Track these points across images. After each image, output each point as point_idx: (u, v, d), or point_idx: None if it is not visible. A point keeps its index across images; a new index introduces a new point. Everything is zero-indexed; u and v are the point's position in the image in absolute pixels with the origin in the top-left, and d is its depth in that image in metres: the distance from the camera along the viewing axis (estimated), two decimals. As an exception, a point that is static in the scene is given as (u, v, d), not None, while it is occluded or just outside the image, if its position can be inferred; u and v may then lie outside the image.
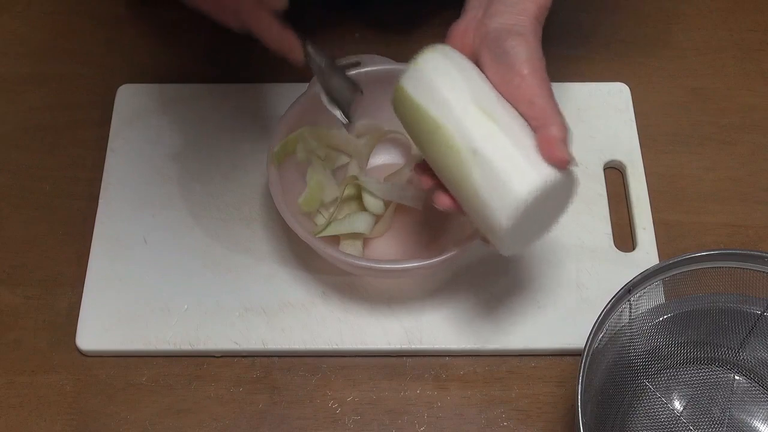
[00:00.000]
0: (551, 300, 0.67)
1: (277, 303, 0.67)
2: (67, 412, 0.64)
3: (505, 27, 0.53)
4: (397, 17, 0.82)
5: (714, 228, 0.71)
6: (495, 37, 0.53)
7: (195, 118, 0.75)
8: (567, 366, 0.65)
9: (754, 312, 0.61)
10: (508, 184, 0.51)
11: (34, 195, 0.73)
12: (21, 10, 0.84)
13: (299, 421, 0.63)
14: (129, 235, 0.70)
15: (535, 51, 0.53)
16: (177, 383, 0.65)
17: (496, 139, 0.52)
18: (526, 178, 0.51)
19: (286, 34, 0.60)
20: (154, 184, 0.72)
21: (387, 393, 0.64)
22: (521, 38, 0.53)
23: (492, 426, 0.63)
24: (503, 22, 0.53)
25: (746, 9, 0.83)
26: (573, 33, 0.81)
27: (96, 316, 0.67)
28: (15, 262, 0.70)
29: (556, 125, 0.52)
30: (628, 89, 0.77)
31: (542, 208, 0.53)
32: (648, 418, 0.62)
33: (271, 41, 0.60)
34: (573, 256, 0.68)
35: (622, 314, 0.59)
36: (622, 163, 0.73)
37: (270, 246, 0.69)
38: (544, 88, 0.52)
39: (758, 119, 0.77)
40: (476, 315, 0.66)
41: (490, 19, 0.54)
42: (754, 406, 0.62)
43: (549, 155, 0.51)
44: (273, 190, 0.63)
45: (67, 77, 0.79)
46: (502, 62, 0.53)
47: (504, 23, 0.53)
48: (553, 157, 0.51)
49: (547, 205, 0.54)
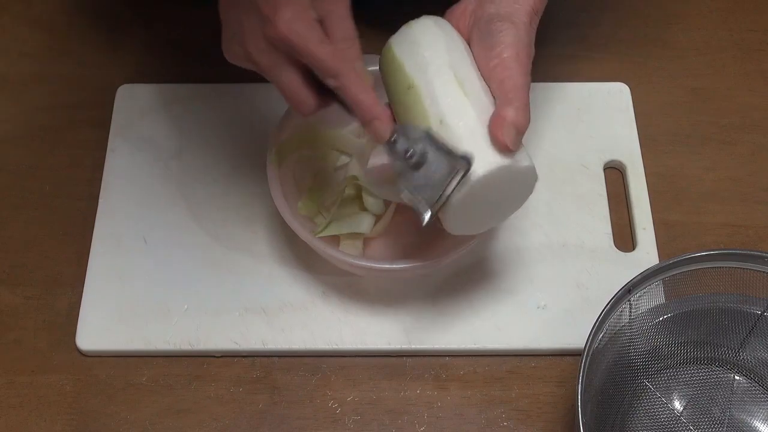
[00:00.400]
0: (551, 300, 0.67)
1: (277, 303, 0.67)
2: (67, 412, 0.64)
3: (499, 13, 0.53)
4: (397, 17, 0.81)
5: (714, 228, 0.71)
6: (488, 19, 0.53)
7: (195, 118, 0.75)
8: (567, 366, 0.65)
9: (754, 312, 0.61)
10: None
11: (34, 195, 0.73)
12: (21, 10, 0.84)
13: (299, 421, 0.63)
14: (129, 234, 0.70)
15: (523, 39, 0.53)
16: (177, 383, 0.65)
17: (464, 111, 0.51)
18: (483, 158, 0.50)
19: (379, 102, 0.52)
20: (154, 184, 0.72)
21: (387, 393, 0.64)
22: (511, 25, 0.53)
23: (492, 426, 0.63)
24: (499, 8, 0.53)
25: (746, 9, 0.83)
26: (573, 33, 0.81)
27: (96, 316, 0.67)
28: (15, 262, 0.70)
29: (514, 108, 0.51)
30: (628, 89, 0.77)
31: (496, 194, 0.53)
32: (648, 418, 0.62)
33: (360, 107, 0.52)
34: (573, 256, 0.68)
35: (622, 314, 0.59)
36: (622, 163, 0.73)
37: (270, 246, 0.69)
38: (520, 73, 0.52)
39: (758, 119, 0.77)
40: (476, 315, 0.66)
41: (487, 5, 0.54)
42: (754, 406, 0.62)
43: (494, 133, 0.50)
44: (273, 190, 0.63)
45: (67, 77, 0.79)
46: (486, 42, 0.53)
47: (499, 10, 0.53)
48: (496, 136, 0.50)
49: (501, 193, 0.53)
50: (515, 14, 0.53)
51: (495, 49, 0.52)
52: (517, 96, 0.51)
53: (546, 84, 0.76)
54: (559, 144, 0.74)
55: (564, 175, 0.72)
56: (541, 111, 0.75)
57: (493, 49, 0.53)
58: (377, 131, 0.53)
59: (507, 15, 0.53)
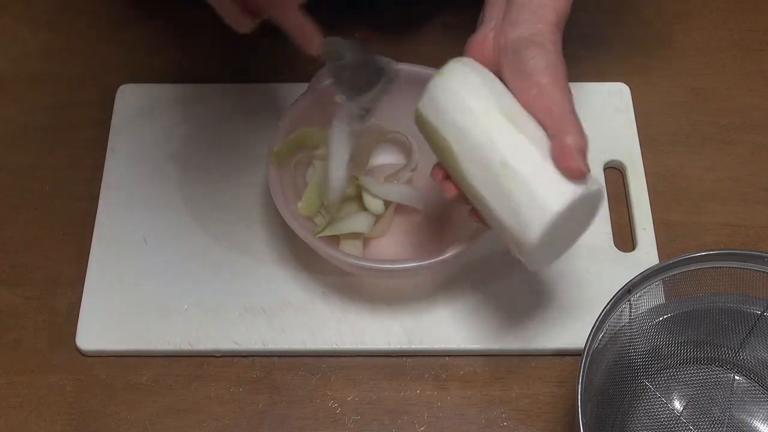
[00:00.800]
0: (551, 300, 0.67)
1: (277, 303, 0.67)
2: (67, 412, 0.64)
3: (524, 37, 0.52)
4: (397, 17, 0.82)
5: (714, 228, 0.71)
6: (514, 47, 0.52)
7: (195, 118, 0.75)
8: (567, 366, 0.65)
9: (754, 312, 0.61)
10: (540, 197, 0.50)
11: (34, 195, 0.73)
12: (21, 10, 0.84)
13: (299, 421, 0.63)
14: (129, 235, 0.70)
15: (555, 60, 0.52)
16: (177, 383, 0.65)
17: (525, 150, 0.50)
18: (558, 192, 0.50)
19: (306, 20, 0.57)
20: (154, 184, 0.72)
21: (387, 393, 0.64)
22: (540, 48, 0.52)
23: (492, 426, 0.63)
24: (522, 32, 0.52)
25: (746, 9, 0.83)
26: (573, 33, 0.80)
27: (96, 316, 0.67)
28: (15, 262, 0.70)
29: (572, 134, 0.50)
30: (628, 89, 0.77)
31: (570, 222, 0.52)
32: (648, 418, 0.62)
33: (290, 26, 0.57)
34: (573, 256, 0.68)
35: (622, 314, 0.59)
36: (622, 163, 0.73)
37: (270, 246, 0.69)
38: (563, 97, 0.51)
39: (758, 119, 0.77)
40: (476, 315, 0.66)
41: (509, 30, 0.53)
42: (754, 406, 0.62)
43: (563, 164, 0.50)
44: (273, 191, 0.63)
45: (67, 77, 0.79)
46: (522, 72, 0.52)
47: (523, 33, 0.52)
48: (567, 166, 0.50)
49: (574, 219, 0.53)
50: (540, 34, 0.52)
51: (532, 78, 0.51)
52: (570, 121, 0.51)
53: (546, 84, 0.76)
54: (559, 144, 0.74)
55: (564, 175, 0.72)
56: (541, 111, 0.75)
57: (529, 78, 0.51)
58: (306, 47, 0.57)
59: (532, 37, 0.52)
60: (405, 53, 0.59)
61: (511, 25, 0.53)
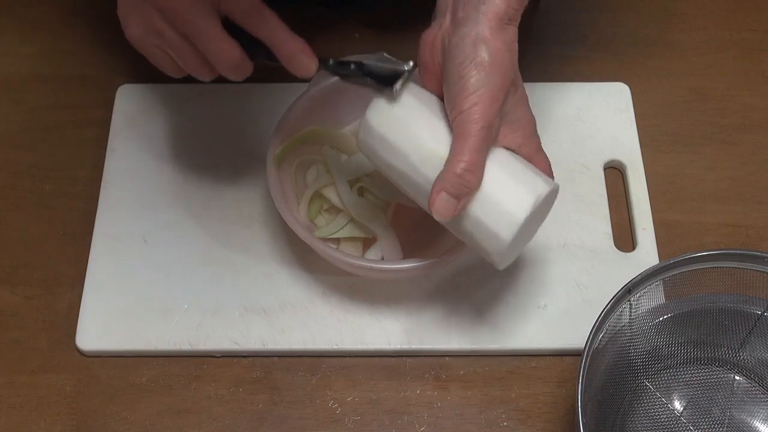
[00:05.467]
0: (551, 300, 0.67)
1: (277, 303, 0.67)
2: (67, 412, 0.64)
3: (463, 44, 0.51)
4: (397, 17, 0.82)
5: (714, 228, 0.71)
6: (452, 57, 0.51)
7: (195, 118, 0.75)
8: (567, 366, 0.65)
9: (754, 312, 0.61)
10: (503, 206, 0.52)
11: (34, 195, 0.73)
12: (21, 10, 0.84)
13: (299, 421, 0.63)
14: (129, 235, 0.70)
15: (487, 76, 0.50)
16: (177, 383, 0.65)
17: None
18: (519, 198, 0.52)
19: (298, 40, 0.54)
20: (154, 184, 0.72)
21: (387, 393, 0.64)
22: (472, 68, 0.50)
23: (492, 426, 0.63)
24: (463, 35, 0.51)
25: (746, 9, 0.83)
26: (573, 33, 0.81)
27: (96, 316, 0.67)
28: (15, 262, 0.70)
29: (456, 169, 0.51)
30: (628, 89, 0.77)
31: (532, 220, 0.54)
32: (648, 418, 0.62)
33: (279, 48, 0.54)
34: (573, 256, 0.68)
35: (622, 314, 0.59)
36: (622, 163, 0.73)
37: (270, 246, 0.69)
38: (474, 126, 0.50)
39: (758, 119, 0.77)
40: (476, 315, 0.66)
41: (452, 32, 0.52)
42: (754, 406, 0.62)
43: (431, 196, 0.51)
44: (273, 191, 0.63)
45: (67, 77, 0.79)
46: (450, 90, 0.52)
47: (464, 38, 0.51)
48: (432, 201, 0.51)
49: (535, 217, 0.55)
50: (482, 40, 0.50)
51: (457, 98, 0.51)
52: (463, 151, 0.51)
53: (546, 84, 0.76)
54: (559, 144, 0.74)
55: (564, 175, 0.72)
56: (541, 111, 0.75)
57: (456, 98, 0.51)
58: (303, 64, 0.54)
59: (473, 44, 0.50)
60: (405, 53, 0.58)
61: (456, 26, 0.52)
